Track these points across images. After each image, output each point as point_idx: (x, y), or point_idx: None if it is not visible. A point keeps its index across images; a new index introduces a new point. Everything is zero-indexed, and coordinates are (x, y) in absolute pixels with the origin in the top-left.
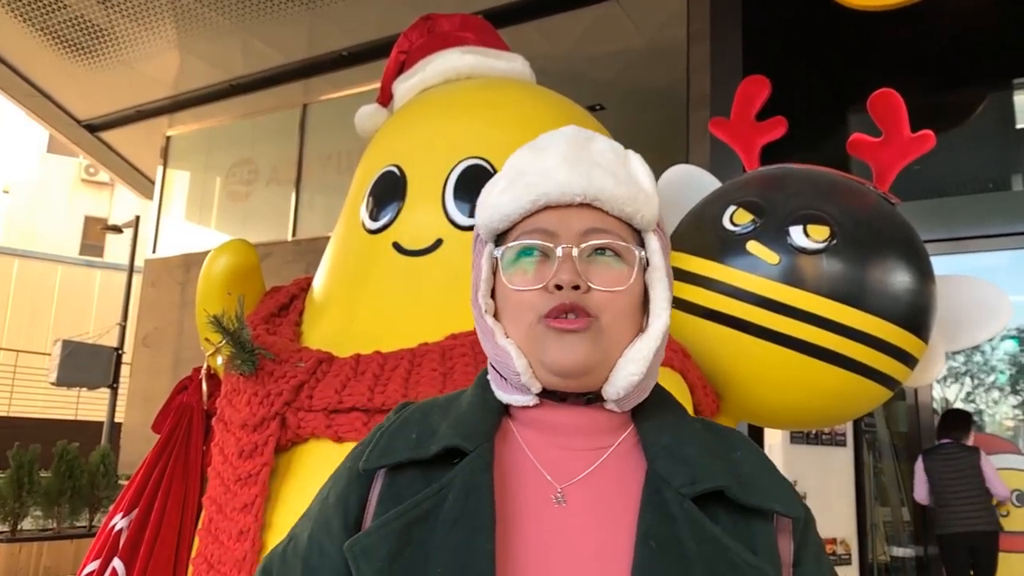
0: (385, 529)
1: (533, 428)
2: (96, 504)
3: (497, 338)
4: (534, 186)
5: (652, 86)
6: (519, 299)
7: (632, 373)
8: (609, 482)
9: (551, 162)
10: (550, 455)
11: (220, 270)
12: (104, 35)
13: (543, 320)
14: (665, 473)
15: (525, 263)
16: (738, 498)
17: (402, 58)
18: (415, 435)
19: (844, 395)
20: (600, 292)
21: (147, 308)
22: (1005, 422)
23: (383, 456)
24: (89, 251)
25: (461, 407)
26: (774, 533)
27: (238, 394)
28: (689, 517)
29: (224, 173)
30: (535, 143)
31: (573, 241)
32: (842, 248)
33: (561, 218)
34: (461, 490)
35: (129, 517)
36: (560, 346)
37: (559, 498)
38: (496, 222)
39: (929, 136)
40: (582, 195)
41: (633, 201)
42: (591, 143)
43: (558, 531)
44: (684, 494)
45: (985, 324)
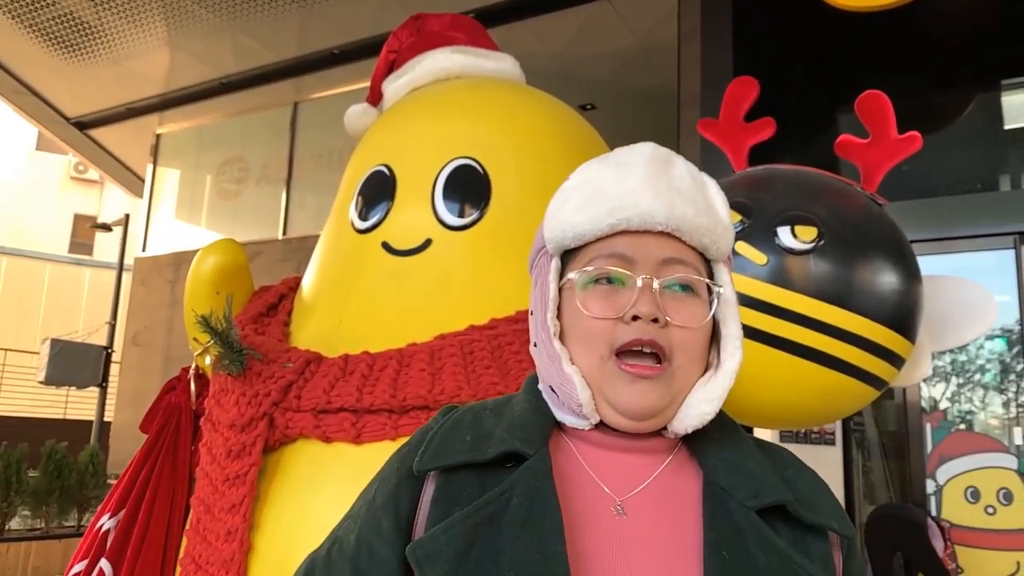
0: (450, 532)
1: (587, 442)
2: (85, 504)
3: (564, 365)
4: (616, 210)
5: (643, 86)
6: (592, 326)
7: (706, 412)
8: (666, 493)
9: (633, 185)
10: (605, 468)
11: (208, 270)
12: (94, 32)
13: (616, 359)
14: (727, 485)
15: (600, 289)
16: (799, 514)
17: (392, 57)
18: (469, 437)
19: (831, 395)
20: (677, 328)
21: (137, 307)
22: (991, 421)
23: (438, 457)
24: (78, 249)
25: (515, 412)
26: (829, 548)
27: (226, 394)
28: (756, 529)
29: (214, 171)
30: (614, 158)
31: (652, 271)
32: (829, 249)
33: (639, 244)
34: (525, 494)
35: (116, 517)
36: (632, 391)
37: (619, 509)
38: (569, 240)
39: (916, 138)
40: (664, 224)
41: (711, 232)
42: (671, 167)
43: (622, 541)
44: (749, 507)
45: (971, 324)
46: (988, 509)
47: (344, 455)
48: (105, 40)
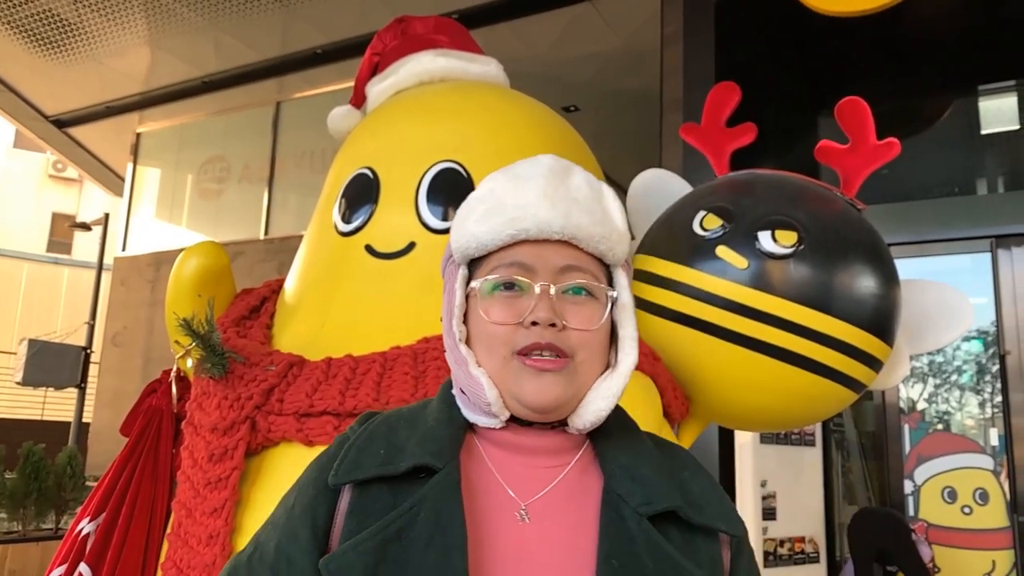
0: (361, 547)
1: (497, 445)
2: (63, 506)
3: (470, 367)
4: (515, 221)
5: (627, 88)
6: (494, 332)
7: (601, 408)
8: (569, 497)
9: (532, 196)
10: (514, 472)
11: (190, 272)
12: (73, 29)
13: (517, 356)
14: (623, 492)
15: (502, 296)
16: (689, 518)
17: (375, 60)
18: (383, 450)
19: (811, 398)
20: (575, 331)
21: (116, 307)
22: (968, 422)
23: (352, 471)
24: (56, 248)
25: (428, 422)
26: (719, 547)
27: (208, 397)
28: (647, 536)
29: (195, 170)
30: (514, 170)
31: (550, 278)
32: (809, 253)
33: (538, 253)
34: (432, 509)
35: (96, 521)
36: (536, 384)
37: (523, 515)
38: (473, 250)
39: (894, 144)
40: (560, 233)
41: (607, 239)
42: (569, 177)
43: (523, 548)
44: (641, 513)
45: (948, 327)
46: (965, 509)
47: None
48: (85, 38)
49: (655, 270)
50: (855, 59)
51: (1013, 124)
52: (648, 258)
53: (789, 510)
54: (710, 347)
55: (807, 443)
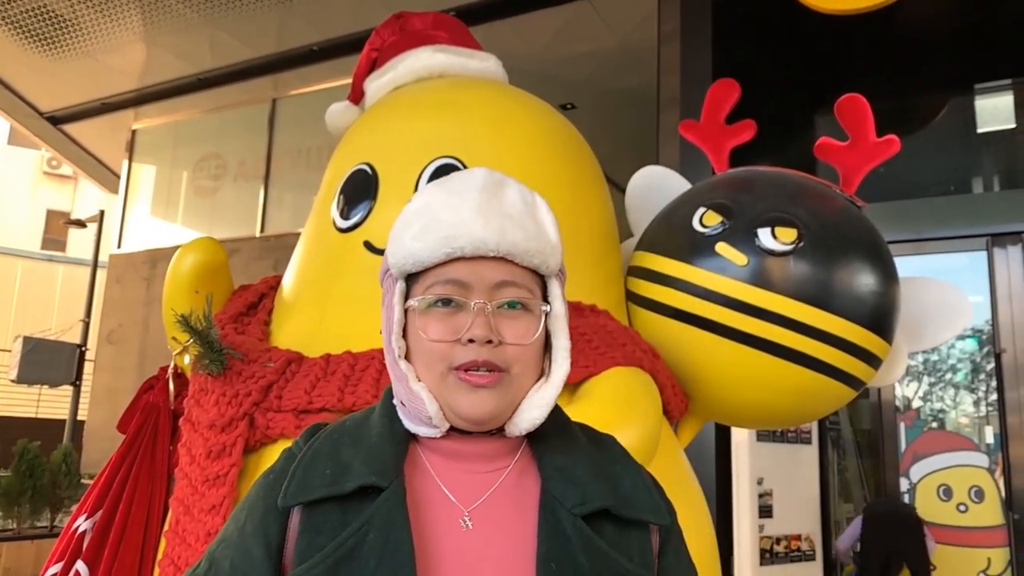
0: (315, 570)
1: (439, 454)
2: (57, 504)
3: (411, 383)
4: (450, 239)
5: (624, 86)
6: (432, 348)
7: (536, 417)
8: (509, 501)
9: (466, 215)
10: (455, 479)
11: (187, 268)
12: (68, 25)
13: (455, 371)
14: (558, 494)
15: (439, 312)
16: (620, 514)
17: (374, 56)
18: (328, 471)
19: (810, 395)
20: (510, 345)
21: (111, 304)
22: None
23: (300, 492)
24: (51, 246)
25: (371, 438)
26: (649, 535)
27: (206, 394)
28: (581, 535)
29: (191, 168)
30: (449, 184)
31: (485, 295)
32: (809, 250)
33: (473, 269)
34: (381, 528)
35: (93, 519)
36: (471, 399)
37: (466, 522)
38: (410, 267)
39: (894, 141)
40: (495, 250)
41: (540, 253)
42: (503, 192)
43: (467, 554)
44: (575, 514)
45: (947, 325)
46: (960, 507)
47: None
48: (80, 34)
49: (654, 267)
50: (852, 57)
51: (1009, 123)
52: (647, 255)
53: (785, 508)
54: (709, 344)
55: (803, 441)
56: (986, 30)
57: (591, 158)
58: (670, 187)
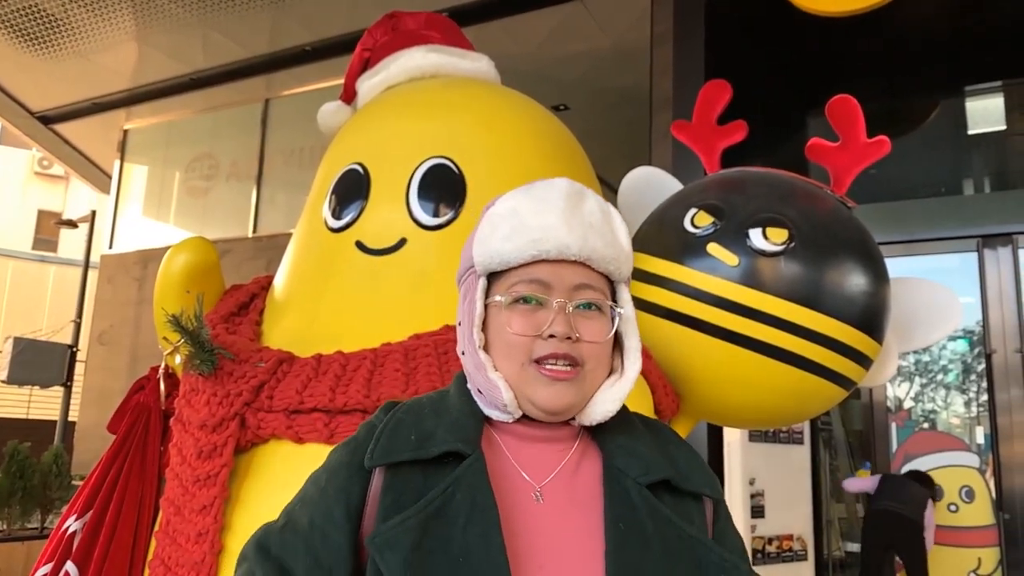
0: (406, 524)
1: (511, 435)
2: (48, 505)
3: (489, 372)
4: (537, 242)
5: (616, 87)
6: (514, 341)
7: (609, 411)
8: (574, 477)
9: (552, 220)
10: (526, 457)
11: (179, 268)
12: (60, 25)
13: (533, 364)
14: (623, 466)
15: (522, 308)
16: (680, 486)
17: (366, 55)
18: (413, 436)
19: (801, 395)
20: (586, 343)
21: (103, 305)
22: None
23: (386, 454)
24: (42, 246)
25: (452, 413)
26: (703, 508)
27: (197, 394)
28: (646, 502)
29: (183, 168)
30: (535, 192)
31: (566, 295)
32: (800, 251)
33: (555, 271)
34: (467, 491)
35: (83, 519)
36: (550, 391)
37: (538, 495)
38: (496, 265)
39: (884, 141)
40: (577, 255)
41: (616, 260)
42: (584, 202)
43: (542, 524)
44: (640, 483)
45: (937, 325)
46: (951, 507)
47: (317, 456)
48: (71, 33)
49: (646, 267)
50: (843, 59)
51: (999, 124)
52: (639, 255)
53: (777, 508)
54: (701, 344)
55: (795, 441)
56: (977, 32)
57: (583, 158)
58: (662, 188)
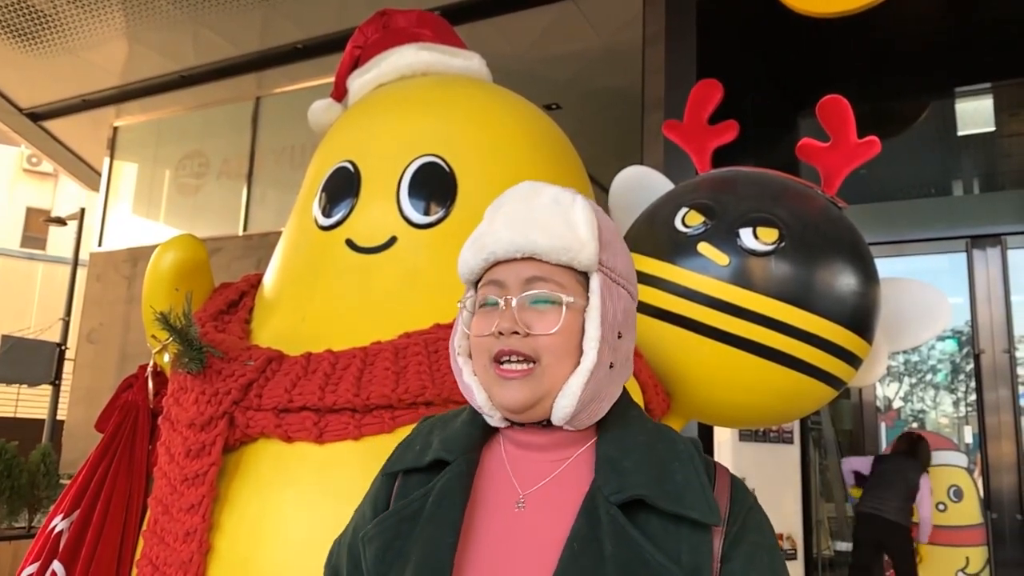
0: (383, 524)
1: (513, 443)
2: (36, 504)
3: (464, 376)
4: (485, 247)
5: (608, 87)
6: (478, 343)
7: (565, 407)
8: (563, 490)
9: (498, 224)
10: (522, 465)
11: (167, 266)
12: (48, 21)
13: (492, 364)
14: (601, 483)
15: (483, 311)
16: (657, 505)
17: (357, 53)
18: (418, 447)
19: (791, 394)
20: (541, 336)
21: (92, 303)
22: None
23: (395, 464)
24: (31, 243)
25: (456, 424)
26: (708, 536)
27: (185, 392)
28: (613, 521)
29: (173, 165)
30: (497, 201)
31: (516, 292)
32: (790, 251)
33: (509, 270)
34: (439, 494)
35: (70, 518)
36: (504, 390)
37: (520, 503)
38: (467, 275)
39: (875, 142)
40: (520, 252)
41: (567, 251)
42: (536, 198)
43: (512, 531)
44: (612, 501)
45: (927, 325)
46: (939, 506)
47: (306, 455)
48: (61, 29)
49: (637, 266)
50: (834, 60)
51: (989, 126)
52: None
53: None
54: (691, 343)
55: (785, 441)
56: (966, 34)
57: (575, 157)
58: (653, 187)
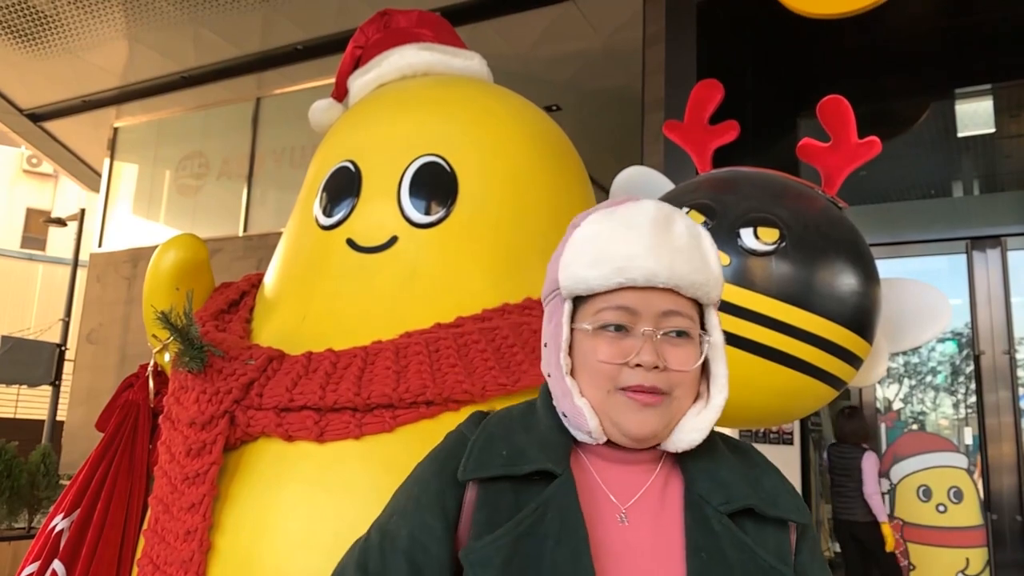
0: (498, 542)
1: (597, 455)
2: (36, 505)
3: (575, 399)
4: (623, 270)
5: (608, 88)
6: (601, 369)
7: (695, 440)
8: (657, 500)
9: (638, 248)
10: (612, 478)
11: (168, 265)
12: (50, 22)
13: (621, 391)
14: (704, 493)
15: (608, 335)
16: (764, 512)
17: (358, 53)
18: (505, 452)
19: (792, 394)
20: (673, 371)
21: (92, 303)
22: (942, 421)
23: (479, 468)
24: (31, 244)
25: (541, 430)
26: (787, 533)
27: (186, 391)
28: (728, 531)
29: (174, 166)
30: (621, 215)
31: (653, 323)
32: (791, 251)
33: (643, 298)
34: (558, 510)
35: (71, 518)
36: (637, 418)
37: (623, 517)
38: (580, 291)
39: (875, 142)
40: (665, 283)
41: (705, 285)
42: (672, 225)
43: (628, 546)
44: (722, 511)
45: (927, 326)
46: (940, 507)
47: (307, 454)
48: (62, 30)
49: None
50: (834, 60)
51: (988, 127)
52: None
53: None
54: None
55: (785, 442)
56: (966, 35)
57: (575, 157)
58: (653, 187)
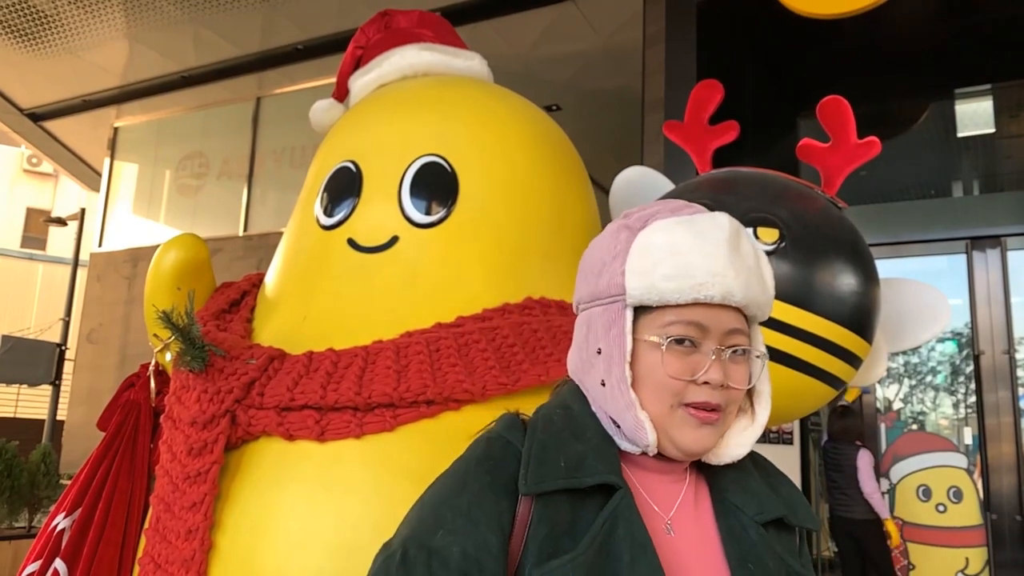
0: (576, 562)
1: (636, 464)
2: (36, 504)
3: (638, 412)
4: (703, 286)
5: (608, 88)
6: (666, 383)
7: (738, 455)
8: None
9: (719, 265)
10: (652, 489)
11: (169, 264)
12: (50, 22)
13: (683, 406)
14: (738, 503)
15: (676, 349)
16: (791, 523)
17: (359, 53)
18: (563, 463)
19: (791, 394)
20: (732, 389)
21: (92, 303)
22: (942, 421)
23: (540, 481)
24: (31, 244)
25: (592, 439)
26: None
27: (187, 391)
28: (764, 540)
29: (174, 166)
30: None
31: (720, 341)
32: (790, 251)
33: (714, 316)
34: (626, 526)
35: (72, 517)
36: (696, 434)
37: (668, 527)
38: (652, 301)
39: (875, 142)
40: (740, 302)
41: (767, 305)
42: (741, 243)
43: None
44: (757, 521)
45: (926, 326)
46: (939, 507)
47: (308, 453)
48: (62, 30)
49: None
50: (834, 61)
51: (988, 127)
52: None
53: None
54: None
55: (785, 442)
56: (966, 35)
57: (575, 157)
58: (653, 187)
